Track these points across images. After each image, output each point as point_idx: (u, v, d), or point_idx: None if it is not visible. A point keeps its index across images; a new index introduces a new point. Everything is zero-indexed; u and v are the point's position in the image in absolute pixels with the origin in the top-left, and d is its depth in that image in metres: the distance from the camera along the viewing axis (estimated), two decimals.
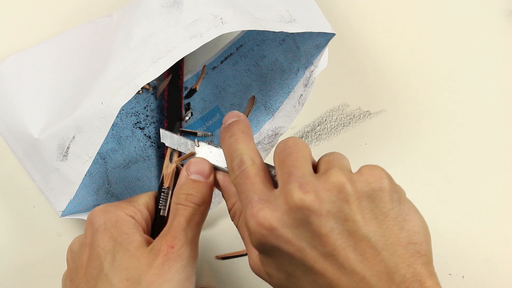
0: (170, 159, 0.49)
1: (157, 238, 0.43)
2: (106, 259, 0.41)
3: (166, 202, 0.48)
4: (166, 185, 0.48)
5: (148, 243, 0.43)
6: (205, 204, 0.44)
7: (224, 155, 0.43)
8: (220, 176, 0.45)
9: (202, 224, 0.44)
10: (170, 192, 0.48)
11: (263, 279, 0.41)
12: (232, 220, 0.45)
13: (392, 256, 0.36)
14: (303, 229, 0.36)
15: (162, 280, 0.40)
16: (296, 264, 0.37)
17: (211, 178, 0.45)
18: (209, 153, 0.46)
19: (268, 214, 0.37)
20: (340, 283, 0.36)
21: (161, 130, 0.49)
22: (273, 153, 0.41)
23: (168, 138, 0.49)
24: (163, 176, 0.48)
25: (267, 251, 0.38)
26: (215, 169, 0.46)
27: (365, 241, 0.36)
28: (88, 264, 0.42)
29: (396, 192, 0.38)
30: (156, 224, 0.48)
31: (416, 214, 0.38)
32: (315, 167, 0.40)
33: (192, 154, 0.47)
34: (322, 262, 0.36)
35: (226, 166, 0.45)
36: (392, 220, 0.37)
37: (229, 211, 0.45)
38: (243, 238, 0.44)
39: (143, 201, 0.46)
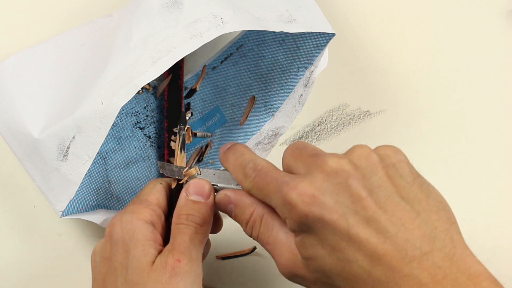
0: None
1: (162, 253, 0.42)
2: (121, 274, 0.41)
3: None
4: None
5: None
6: (206, 225, 0.44)
7: (232, 171, 0.43)
8: (229, 192, 0.44)
9: (204, 244, 0.44)
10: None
11: (298, 275, 0.40)
12: (251, 233, 0.43)
13: (428, 220, 0.37)
14: (343, 194, 0.37)
15: None
16: (339, 235, 0.37)
17: (211, 198, 0.44)
18: (213, 176, 0.46)
19: (307, 184, 0.38)
20: (385, 247, 0.36)
21: (159, 162, 0.48)
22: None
23: (167, 169, 0.48)
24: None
25: (310, 225, 0.38)
26: (222, 188, 0.45)
27: (401, 206, 0.37)
28: (106, 278, 0.42)
29: (412, 166, 0.40)
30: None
31: (433, 186, 0.39)
32: None
33: (200, 152, 0.47)
34: (365, 229, 0.36)
35: (234, 184, 0.45)
36: (418, 187, 0.38)
37: (246, 224, 0.43)
38: (267, 244, 0.42)
39: (155, 200, 0.45)
